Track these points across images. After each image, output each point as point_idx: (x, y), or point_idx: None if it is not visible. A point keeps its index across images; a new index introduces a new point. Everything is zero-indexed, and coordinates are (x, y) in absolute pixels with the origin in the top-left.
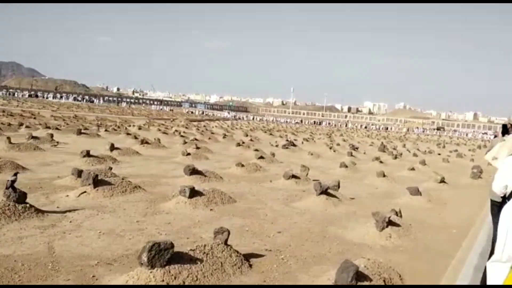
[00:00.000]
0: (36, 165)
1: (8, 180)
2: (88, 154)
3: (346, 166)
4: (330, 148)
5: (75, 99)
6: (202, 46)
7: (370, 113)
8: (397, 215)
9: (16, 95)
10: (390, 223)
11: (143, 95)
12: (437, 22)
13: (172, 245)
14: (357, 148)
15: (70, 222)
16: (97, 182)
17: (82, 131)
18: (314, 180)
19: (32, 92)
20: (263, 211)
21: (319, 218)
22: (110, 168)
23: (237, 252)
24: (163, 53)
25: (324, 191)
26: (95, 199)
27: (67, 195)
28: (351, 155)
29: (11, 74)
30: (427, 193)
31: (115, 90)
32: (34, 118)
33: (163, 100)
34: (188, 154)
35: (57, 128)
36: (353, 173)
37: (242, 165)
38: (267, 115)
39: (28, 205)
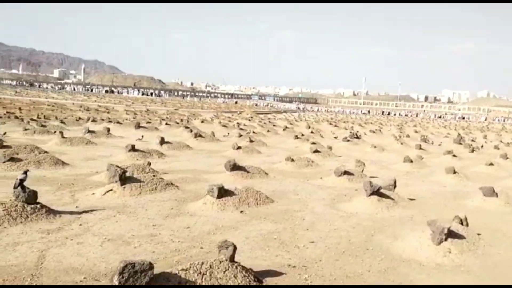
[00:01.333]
0: (80, 160)
1: (17, 179)
2: (133, 149)
3: (411, 161)
4: (397, 140)
5: (143, 93)
6: (271, 39)
7: (449, 102)
8: (461, 223)
9: (94, 90)
10: (451, 234)
11: (215, 89)
12: None
13: (150, 266)
14: (432, 142)
15: (80, 225)
16: (125, 179)
17: (141, 125)
18: (371, 177)
19: (113, 88)
20: (301, 214)
21: (365, 223)
22: (149, 164)
23: (246, 270)
24: (234, 48)
25: (376, 192)
26: (120, 198)
27: (93, 193)
28: (420, 148)
29: (94, 72)
30: (505, 193)
31: (189, 84)
32: (108, 112)
33: (233, 93)
34: (239, 148)
35: (118, 122)
36: (418, 168)
37: (292, 160)
38: (335, 106)
39: (38, 205)
